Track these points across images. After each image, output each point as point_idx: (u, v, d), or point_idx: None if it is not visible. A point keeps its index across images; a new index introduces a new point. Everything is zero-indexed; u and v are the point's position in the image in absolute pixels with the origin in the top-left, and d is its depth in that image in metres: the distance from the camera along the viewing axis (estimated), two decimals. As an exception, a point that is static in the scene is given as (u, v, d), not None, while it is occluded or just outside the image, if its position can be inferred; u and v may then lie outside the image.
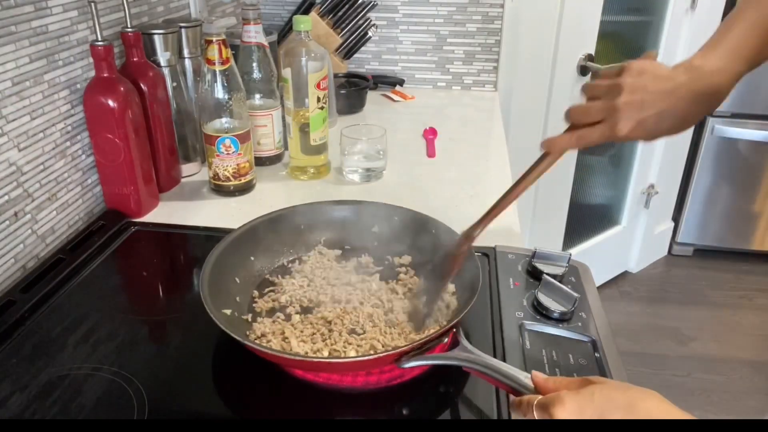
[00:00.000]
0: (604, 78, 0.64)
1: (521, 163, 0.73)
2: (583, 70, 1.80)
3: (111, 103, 0.84)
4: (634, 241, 2.40)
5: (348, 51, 1.49)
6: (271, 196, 1.01)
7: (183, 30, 1.01)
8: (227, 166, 0.97)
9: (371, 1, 1.45)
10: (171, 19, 1.10)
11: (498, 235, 0.88)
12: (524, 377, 0.51)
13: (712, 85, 0.61)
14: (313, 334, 0.65)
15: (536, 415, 0.45)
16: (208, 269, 0.67)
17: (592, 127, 0.63)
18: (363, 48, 1.51)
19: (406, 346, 0.57)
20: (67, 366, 0.63)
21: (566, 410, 0.42)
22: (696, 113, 0.62)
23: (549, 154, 0.66)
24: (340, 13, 1.44)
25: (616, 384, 0.44)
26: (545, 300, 0.70)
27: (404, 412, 0.59)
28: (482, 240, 0.84)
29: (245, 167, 0.99)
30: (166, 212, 0.95)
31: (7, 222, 0.76)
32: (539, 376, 0.50)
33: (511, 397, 0.51)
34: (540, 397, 0.46)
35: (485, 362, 0.55)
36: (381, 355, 0.57)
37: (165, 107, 0.97)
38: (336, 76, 1.41)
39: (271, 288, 0.74)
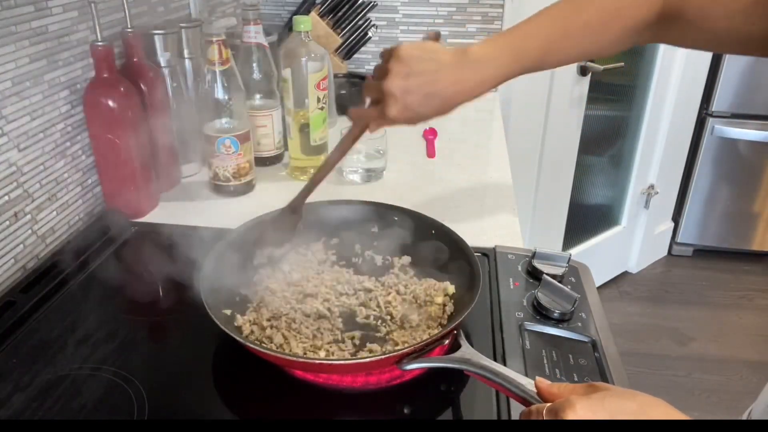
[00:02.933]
0: (382, 59, 0.66)
1: (521, 163, 0.74)
2: (583, 71, 1.80)
3: (111, 103, 0.84)
4: (634, 241, 2.40)
5: (348, 51, 1.49)
6: (271, 196, 1.01)
7: (183, 30, 1.01)
8: (227, 166, 0.97)
9: (371, 2, 1.45)
10: (171, 19, 1.10)
11: (498, 235, 0.89)
12: (527, 383, 0.50)
13: (475, 71, 0.64)
14: (314, 336, 0.65)
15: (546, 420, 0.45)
16: (208, 269, 0.67)
17: (373, 107, 0.67)
18: (363, 48, 1.51)
19: (407, 347, 0.57)
20: (67, 366, 0.63)
21: (577, 414, 0.42)
22: (459, 97, 0.64)
23: (358, 126, 0.70)
24: (340, 14, 1.44)
25: (622, 391, 0.44)
26: (545, 300, 0.70)
27: (405, 411, 0.59)
28: (482, 240, 0.84)
29: (245, 167, 0.99)
30: (165, 212, 0.95)
31: (7, 222, 0.76)
32: (543, 382, 0.49)
33: (522, 407, 0.51)
34: (549, 403, 0.46)
35: (488, 367, 0.54)
36: (382, 357, 0.57)
37: (165, 107, 0.97)
38: (336, 76, 1.41)
39: (270, 289, 0.74)
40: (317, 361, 0.61)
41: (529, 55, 0.65)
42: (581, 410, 0.42)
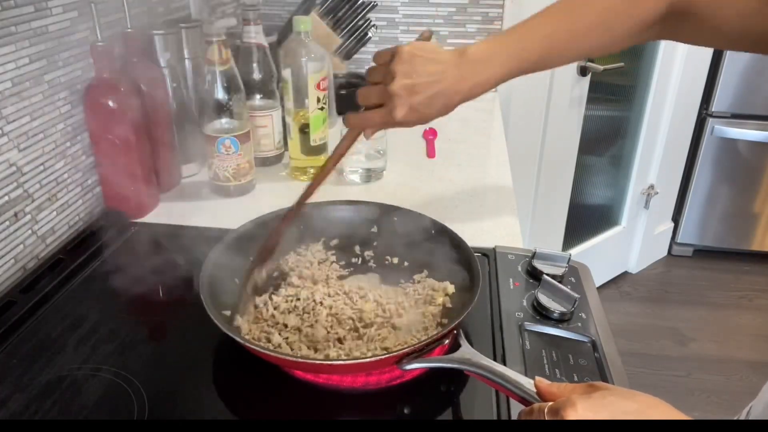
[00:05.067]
0: (379, 61, 0.66)
1: (521, 163, 0.74)
2: (582, 71, 1.80)
3: (111, 103, 0.84)
4: (634, 241, 2.40)
5: (348, 51, 1.49)
6: (271, 196, 1.01)
7: (183, 30, 1.01)
8: (227, 166, 0.97)
9: (371, 2, 1.45)
10: (171, 19, 1.10)
11: (498, 235, 0.89)
12: (527, 383, 0.50)
13: (476, 71, 0.64)
14: (313, 336, 0.65)
15: (547, 419, 0.45)
16: (208, 269, 0.67)
17: (374, 110, 0.66)
18: (363, 48, 1.51)
19: (407, 347, 0.57)
20: (67, 366, 0.63)
21: (578, 414, 0.42)
22: (460, 96, 0.65)
23: (353, 131, 0.69)
24: (340, 14, 1.44)
25: (622, 391, 0.44)
26: (545, 300, 0.70)
27: (405, 411, 0.59)
28: (482, 240, 0.84)
29: (245, 167, 0.99)
30: (166, 212, 0.95)
31: (7, 222, 0.76)
32: (543, 381, 0.49)
33: (521, 407, 0.51)
34: (551, 402, 0.46)
35: (488, 367, 0.54)
36: (382, 357, 0.57)
37: (165, 108, 0.97)
38: (336, 76, 1.41)
39: (269, 289, 0.74)
40: (317, 361, 0.61)
41: (530, 55, 0.65)
42: (582, 410, 0.42)
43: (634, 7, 0.64)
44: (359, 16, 1.45)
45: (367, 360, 0.59)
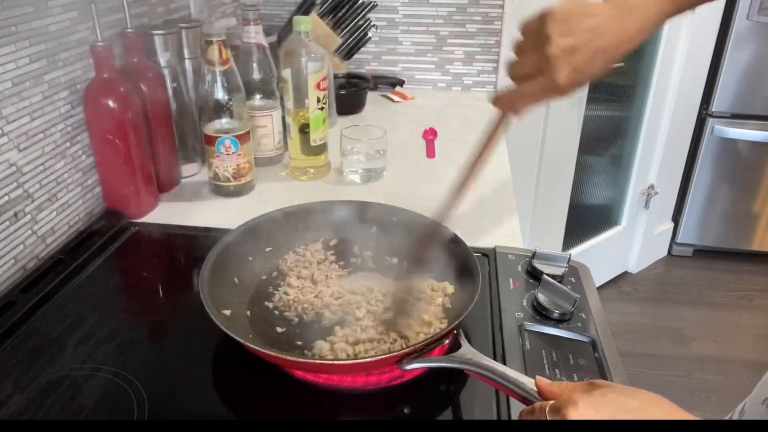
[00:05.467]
0: (527, 30, 0.61)
1: (521, 163, 0.73)
2: (582, 71, 1.79)
3: (111, 103, 0.84)
4: (634, 241, 2.40)
5: (348, 51, 1.49)
6: (270, 196, 1.01)
7: (183, 31, 1.01)
8: (227, 166, 0.97)
9: (371, 2, 1.45)
10: (171, 19, 1.10)
11: (498, 235, 0.89)
12: (527, 382, 0.50)
13: (636, 18, 0.60)
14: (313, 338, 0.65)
15: (549, 418, 0.45)
16: (208, 269, 0.67)
17: (529, 83, 0.61)
18: (363, 48, 1.51)
19: (407, 348, 0.57)
20: (67, 366, 0.63)
21: (579, 412, 0.42)
22: (623, 48, 0.61)
23: (503, 113, 0.64)
24: (340, 14, 1.44)
25: (623, 388, 0.44)
26: (545, 300, 0.70)
27: (405, 411, 0.59)
28: (482, 240, 0.84)
29: (245, 168, 0.99)
30: (166, 213, 0.95)
31: (7, 222, 0.76)
32: (543, 380, 0.49)
33: (522, 406, 0.51)
34: (552, 402, 0.46)
35: (488, 366, 0.54)
36: (382, 357, 0.57)
37: (165, 108, 0.97)
38: (336, 76, 1.41)
39: (269, 290, 0.74)
40: (317, 361, 0.61)
41: None
42: (584, 408, 0.42)
43: None
44: (359, 16, 1.45)
45: (367, 360, 0.59)
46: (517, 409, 0.53)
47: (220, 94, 0.94)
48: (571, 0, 0.60)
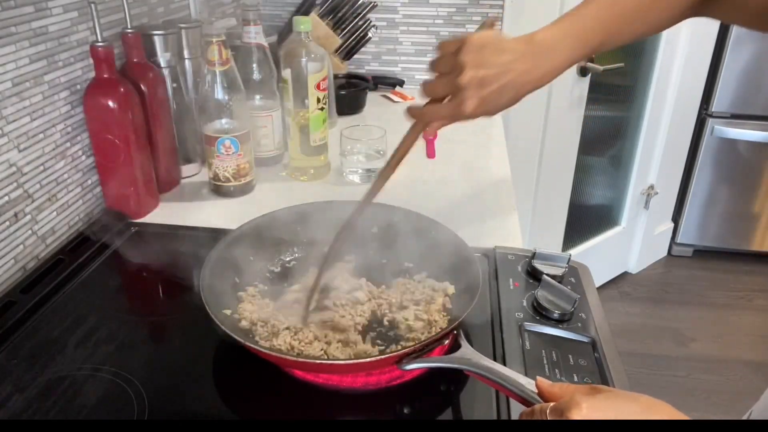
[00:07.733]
0: (445, 52, 0.63)
1: (521, 164, 0.73)
2: (582, 71, 1.80)
3: (111, 104, 0.84)
4: (634, 241, 2.41)
5: (348, 52, 1.49)
6: (270, 196, 1.01)
7: (183, 31, 1.01)
8: (227, 166, 0.97)
9: (371, 2, 1.45)
10: (171, 20, 1.10)
11: (498, 235, 0.89)
12: (528, 383, 0.50)
13: (546, 58, 0.62)
14: (315, 338, 0.65)
15: (549, 419, 0.45)
16: (208, 269, 0.67)
17: (442, 104, 0.64)
18: (363, 49, 1.51)
19: (407, 347, 0.57)
20: (67, 366, 0.63)
21: (583, 413, 0.42)
22: (531, 86, 0.63)
23: (416, 123, 0.67)
24: (340, 14, 1.44)
25: (625, 393, 0.44)
26: (545, 301, 0.70)
27: (405, 411, 0.59)
28: (482, 240, 0.84)
29: (245, 168, 0.99)
30: (166, 213, 0.96)
31: (7, 223, 0.76)
32: (544, 382, 0.49)
33: (521, 407, 0.51)
34: (553, 403, 0.46)
35: (488, 367, 0.54)
36: (382, 357, 0.57)
37: (165, 108, 0.97)
38: (336, 76, 1.41)
39: (269, 290, 0.74)
40: (317, 361, 0.61)
41: (594, 38, 0.64)
42: (587, 409, 0.41)
43: None
44: (359, 16, 1.45)
45: (367, 360, 0.59)
46: (517, 410, 0.53)
47: (220, 95, 0.94)
48: (488, 32, 0.63)
